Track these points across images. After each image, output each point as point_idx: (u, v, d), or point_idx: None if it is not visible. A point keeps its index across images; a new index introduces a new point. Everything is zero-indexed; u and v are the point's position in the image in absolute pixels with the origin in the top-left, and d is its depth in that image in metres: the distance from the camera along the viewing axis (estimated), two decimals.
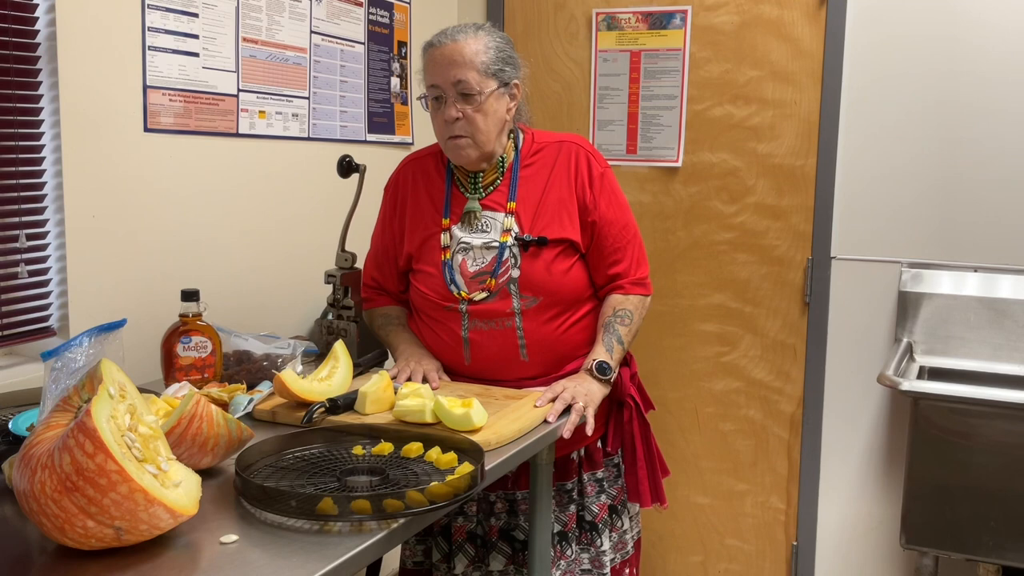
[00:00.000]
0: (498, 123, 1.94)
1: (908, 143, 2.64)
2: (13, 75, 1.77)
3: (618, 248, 2.00)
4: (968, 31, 2.54)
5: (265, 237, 2.36)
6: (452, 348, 1.98)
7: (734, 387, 2.91)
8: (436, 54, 1.91)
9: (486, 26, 1.97)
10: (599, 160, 2.01)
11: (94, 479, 1.07)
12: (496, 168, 2.00)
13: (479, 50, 1.89)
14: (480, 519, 2.03)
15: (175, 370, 1.78)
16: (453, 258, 1.97)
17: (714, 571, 3.00)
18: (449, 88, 1.89)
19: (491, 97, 1.91)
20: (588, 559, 2.03)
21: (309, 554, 1.14)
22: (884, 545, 2.76)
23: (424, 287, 2.00)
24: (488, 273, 1.94)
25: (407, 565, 2.13)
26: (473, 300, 1.94)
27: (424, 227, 2.02)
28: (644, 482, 2.04)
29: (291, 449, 1.47)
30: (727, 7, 2.81)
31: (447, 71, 1.89)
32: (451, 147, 1.94)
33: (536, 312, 1.94)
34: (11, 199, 1.80)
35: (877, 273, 2.70)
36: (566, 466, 2.00)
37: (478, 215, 1.98)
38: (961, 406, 2.23)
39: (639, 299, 2.02)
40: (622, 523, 2.08)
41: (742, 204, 2.85)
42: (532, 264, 1.93)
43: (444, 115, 1.91)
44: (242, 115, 2.25)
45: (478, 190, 2.00)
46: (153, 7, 1.99)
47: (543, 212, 1.96)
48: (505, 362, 1.96)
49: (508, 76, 1.94)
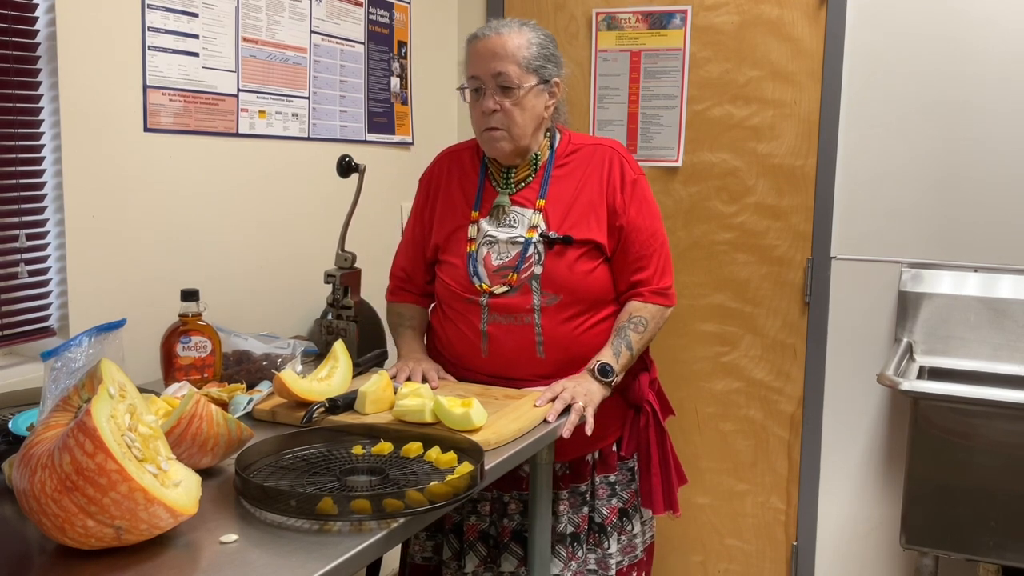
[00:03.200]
0: (535, 119, 1.95)
1: (908, 143, 2.64)
2: (13, 75, 1.77)
3: (643, 255, 1.98)
4: (968, 31, 2.54)
5: (265, 237, 2.36)
6: (470, 341, 1.98)
7: (734, 387, 2.91)
8: (479, 46, 1.92)
9: (531, 23, 1.97)
10: (633, 166, 2.01)
11: (94, 479, 1.07)
12: (529, 165, 2.00)
13: (522, 44, 1.91)
14: (493, 519, 2.02)
15: (175, 370, 1.78)
16: (478, 250, 1.98)
17: (714, 571, 3.00)
18: (489, 80, 1.90)
19: (530, 92, 1.92)
20: (595, 560, 2.02)
21: (309, 554, 1.14)
22: (884, 545, 2.76)
23: (448, 278, 2.01)
24: (511, 268, 1.94)
25: (415, 559, 2.12)
26: (494, 293, 1.94)
27: (453, 219, 2.03)
28: (657, 489, 2.03)
29: (291, 449, 1.47)
30: (727, 7, 2.81)
31: (488, 63, 1.90)
32: (486, 139, 1.95)
33: (556, 310, 1.93)
34: (11, 199, 1.80)
35: (877, 273, 2.70)
36: (580, 468, 1.99)
37: (507, 210, 1.98)
38: (961, 406, 2.23)
39: (657, 308, 2.00)
40: (632, 527, 2.07)
41: (742, 204, 2.85)
42: (556, 262, 1.93)
43: (482, 106, 1.92)
44: (242, 115, 2.25)
45: (509, 185, 2.00)
46: (153, 7, 1.99)
47: (572, 213, 1.95)
48: (521, 358, 1.95)
49: (549, 73, 1.95)
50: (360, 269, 2.10)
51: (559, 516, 1.97)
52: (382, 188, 2.79)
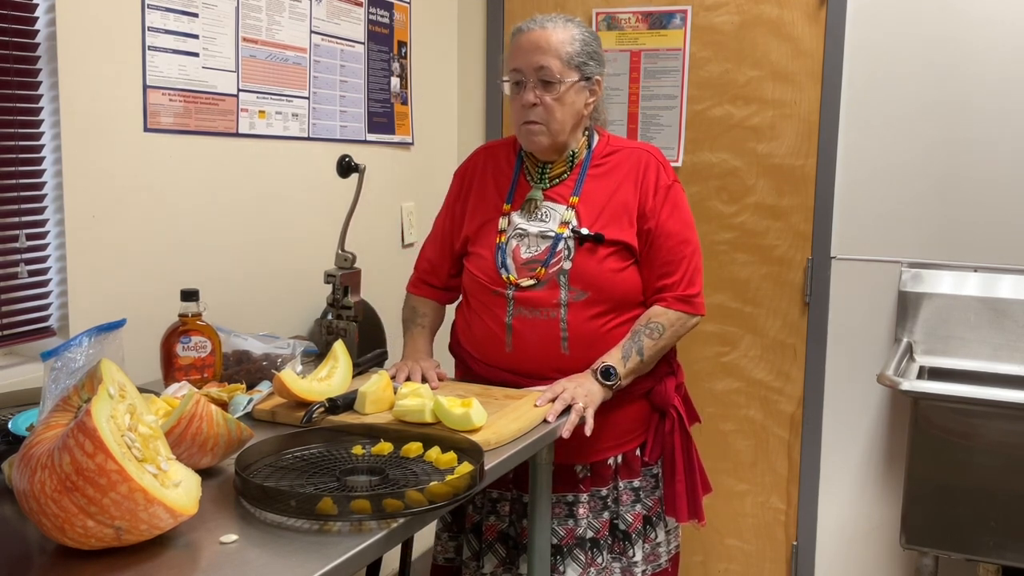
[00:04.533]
0: (574, 115, 1.95)
1: (908, 143, 2.64)
2: (13, 75, 1.77)
3: (671, 261, 1.96)
4: (968, 31, 2.54)
5: (265, 237, 2.36)
6: (495, 334, 1.98)
7: (734, 387, 2.91)
8: (523, 39, 1.93)
9: (576, 20, 1.98)
10: (668, 171, 2.00)
11: (94, 479, 1.07)
12: (566, 162, 2.00)
13: (565, 40, 1.91)
14: (513, 520, 2.01)
15: (175, 370, 1.77)
16: (508, 243, 1.98)
17: (714, 571, 3.00)
18: (531, 73, 1.91)
19: (571, 89, 1.92)
20: (619, 568, 1.99)
21: (309, 554, 1.14)
22: (884, 545, 2.76)
23: (475, 269, 2.01)
24: (540, 262, 1.94)
25: (438, 561, 2.11)
26: (520, 286, 1.94)
27: (485, 211, 2.04)
28: (682, 496, 2.01)
29: (291, 449, 1.47)
30: (727, 7, 2.81)
31: (531, 56, 1.90)
32: (524, 132, 1.95)
33: (582, 306, 1.92)
34: (11, 199, 1.80)
35: (877, 273, 2.70)
36: (602, 472, 1.97)
37: (539, 204, 1.98)
38: (961, 406, 2.23)
39: (679, 316, 1.96)
40: (656, 535, 2.04)
41: (742, 204, 2.85)
42: (585, 259, 1.92)
43: (522, 100, 1.92)
44: (242, 115, 2.25)
45: (544, 180, 2.00)
46: (153, 7, 1.99)
47: (605, 213, 1.94)
48: (545, 353, 1.94)
49: (591, 71, 1.95)
50: (360, 269, 2.10)
51: (578, 520, 1.95)
52: (382, 188, 2.79)
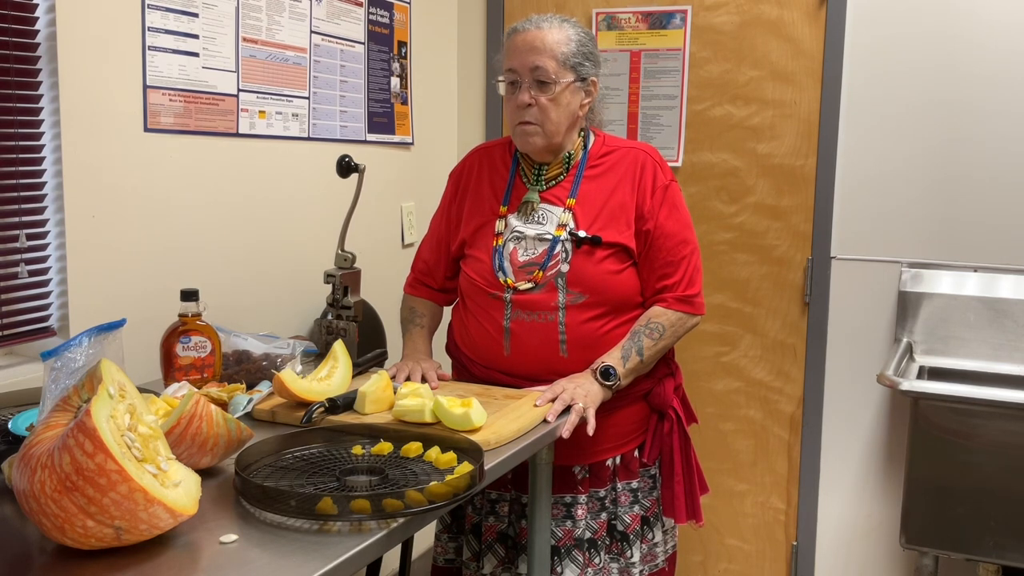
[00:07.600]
0: (570, 116, 1.94)
1: (908, 143, 2.64)
2: (13, 75, 1.77)
3: (671, 262, 1.95)
4: (968, 30, 2.54)
5: (265, 237, 2.36)
6: (493, 338, 1.97)
7: (734, 387, 2.91)
8: (518, 39, 1.92)
9: (572, 20, 1.97)
10: (666, 171, 1.99)
11: (94, 479, 1.07)
12: (562, 163, 1.99)
13: (561, 40, 1.90)
14: (512, 520, 2.01)
15: (174, 370, 1.77)
16: (505, 245, 1.97)
17: (714, 571, 3.00)
18: (526, 73, 1.90)
19: (566, 89, 1.91)
20: (617, 569, 1.99)
21: (309, 554, 1.14)
22: (884, 545, 2.76)
23: (473, 272, 2.00)
24: (537, 265, 1.93)
25: (438, 562, 2.11)
26: (518, 289, 1.93)
27: (481, 214, 2.03)
28: (680, 497, 2.01)
29: (290, 449, 1.47)
30: (727, 7, 2.81)
31: (526, 56, 1.89)
32: (519, 132, 1.94)
33: (580, 309, 1.92)
34: (11, 199, 1.80)
35: (877, 273, 2.70)
36: (600, 473, 1.97)
37: (536, 206, 1.97)
38: (961, 406, 2.23)
39: (678, 316, 1.96)
40: (653, 535, 2.04)
41: (742, 204, 2.85)
42: (583, 261, 1.91)
43: (517, 100, 1.91)
44: (242, 115, 2.25)
45: (540, 182, 1.99)
46: (153, 7, 2.00)
47: (603, 215, 1.94)
48: (544, 356, 1.94)
49: (587, 72, 1.94)
50: (360, 269, 2.10)
51: (577, 520, 1.94)
52: (382, 188, 2.79)
